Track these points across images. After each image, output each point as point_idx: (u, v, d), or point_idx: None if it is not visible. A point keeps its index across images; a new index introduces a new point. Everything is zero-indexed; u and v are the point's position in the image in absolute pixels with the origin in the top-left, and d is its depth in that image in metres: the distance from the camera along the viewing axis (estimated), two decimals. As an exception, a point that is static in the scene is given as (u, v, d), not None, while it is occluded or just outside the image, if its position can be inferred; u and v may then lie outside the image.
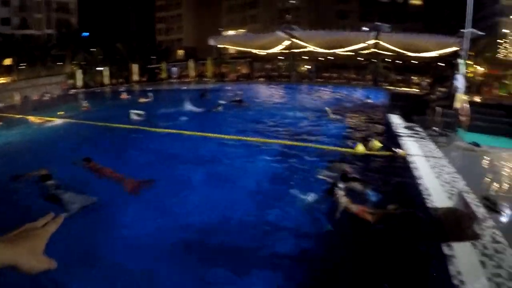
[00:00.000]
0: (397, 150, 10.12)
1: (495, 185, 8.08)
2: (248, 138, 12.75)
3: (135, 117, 16.64)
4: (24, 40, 48.23)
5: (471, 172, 8.67)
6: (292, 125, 15.58)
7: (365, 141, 11.13)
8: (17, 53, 42.57)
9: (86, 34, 54.02)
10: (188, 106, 19.87)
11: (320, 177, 8.82)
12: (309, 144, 11.75)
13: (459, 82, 11.49)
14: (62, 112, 18.03)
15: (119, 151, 11.94)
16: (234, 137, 12.94)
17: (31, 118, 17.46)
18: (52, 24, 59.60)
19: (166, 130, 13.99)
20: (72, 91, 32.20)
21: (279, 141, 12.47)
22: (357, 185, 8.03)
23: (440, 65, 33.94)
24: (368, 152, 10.61)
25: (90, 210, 7.46)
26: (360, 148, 10.72)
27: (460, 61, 12.13)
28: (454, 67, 11.84)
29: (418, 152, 10.42)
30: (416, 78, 41.18)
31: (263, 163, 10.56)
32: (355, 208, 6.89)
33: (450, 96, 11.66)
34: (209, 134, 13.04)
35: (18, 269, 0.99)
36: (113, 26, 61.26)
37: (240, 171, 9.99)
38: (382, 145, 11.07)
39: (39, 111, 18.61)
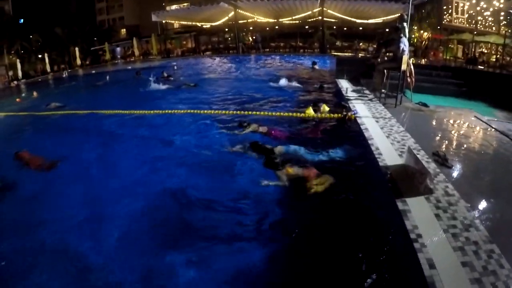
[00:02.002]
0: (347, 112, 10.03)
1: (444, 141, 8.18)
2: (198, 111, 12.23)
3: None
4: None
5: (420, 131, 8.77)
6: (241, 95, 15.13)
7: (315, 106, 10.96)
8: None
9: (21, 20, 50.43)
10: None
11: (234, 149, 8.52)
12: (260, 112, 11.41)
13: (405, 45, 11.51)
14: None
15: (62, 137, 11.15)
16: (182, 111, 12.44)
17: None
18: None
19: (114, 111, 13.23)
20: (14, 83, 30.63)
21: (228, 111, 12.03)
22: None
23: (385, 31, 34.41)
24: (318, 115, 10.47)
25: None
26: (310, 111, 10.56)
27: (405, 24, 12.13)
28: (399, 31, 11.80)
29: (367, 113, 10.39)
30: (362, 44, 41.82)
31: (212, 135, 10.13)
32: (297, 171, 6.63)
33: (396, 58, 11.66)
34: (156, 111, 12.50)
35: None
36: (51, 10, 57.02)
37: (189, 144, 9.54)
38: (329, 108, 10.96)
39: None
